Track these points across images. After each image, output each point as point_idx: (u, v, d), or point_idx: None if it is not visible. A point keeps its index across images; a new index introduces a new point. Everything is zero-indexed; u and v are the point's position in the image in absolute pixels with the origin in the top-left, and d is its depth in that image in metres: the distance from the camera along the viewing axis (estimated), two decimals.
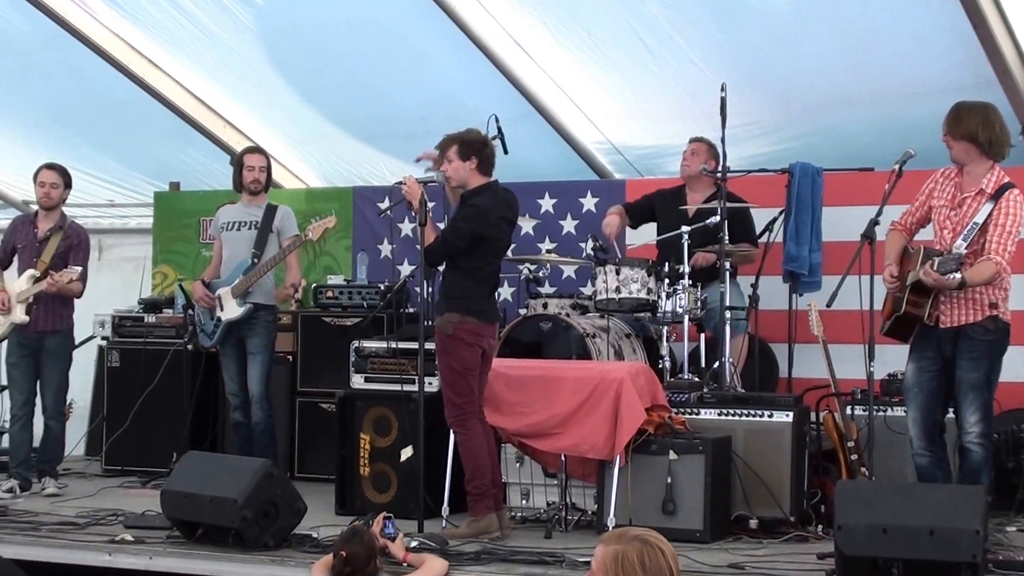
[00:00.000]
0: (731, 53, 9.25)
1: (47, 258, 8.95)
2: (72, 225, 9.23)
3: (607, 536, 4.74)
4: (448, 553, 6.93)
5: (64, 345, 9.16)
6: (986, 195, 6.96)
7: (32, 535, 7.68)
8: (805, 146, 9.59)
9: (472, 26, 9.49)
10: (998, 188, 6.96)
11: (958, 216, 7.04)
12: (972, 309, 6.95)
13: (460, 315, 7.41)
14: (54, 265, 8.91)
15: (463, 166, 7.56)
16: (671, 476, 7.39)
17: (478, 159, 7.55)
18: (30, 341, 9.00)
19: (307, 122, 11.11)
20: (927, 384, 7.12)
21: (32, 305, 8.90)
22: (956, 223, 7.03)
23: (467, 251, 7.48)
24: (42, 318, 8.96)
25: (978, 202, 6.98)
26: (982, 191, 6.98)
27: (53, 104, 11.47)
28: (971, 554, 6.00)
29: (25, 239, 9.15)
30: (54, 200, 9.12)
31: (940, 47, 8.72)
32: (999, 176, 7.02)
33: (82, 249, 9.13)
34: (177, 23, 10.24)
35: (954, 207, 7.08)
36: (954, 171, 7.17)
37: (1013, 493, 8.11)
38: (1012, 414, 8.43)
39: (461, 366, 7.45)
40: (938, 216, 7.17)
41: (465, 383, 7.46)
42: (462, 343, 7.42)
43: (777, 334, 9.15)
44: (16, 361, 9.08)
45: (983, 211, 6.92)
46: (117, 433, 10.07)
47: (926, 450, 7.13)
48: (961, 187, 7.09)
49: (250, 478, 7.22)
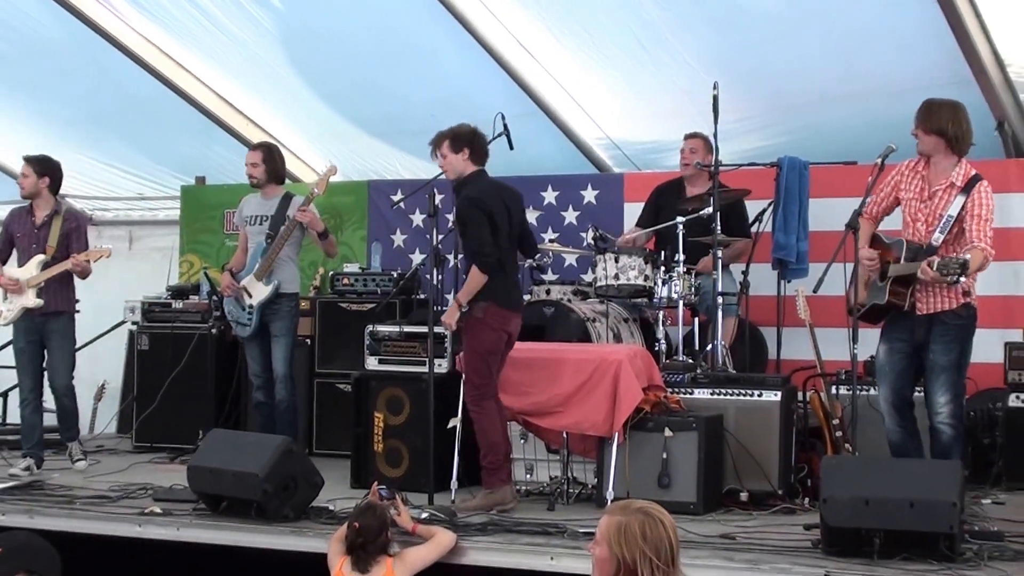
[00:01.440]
0: (723, 54, 9.21)
1: (54, 243, 8.83)
2: (69, 210, 9.14)
3: (611, 508, 4.73)
4: (456, 524, 6.93)
5: (68, 326, 9.02)
6: (957, 188, 6.98)
7: (66, 508, 7.70)
8: (793, 141, 9.56)
9: (479, 29, 9.47)
10: (967, 181, 6.98)
11: (929, 208, 7.06)
12: (947, 297, 6.98)
13: (486, 303, 7.39)
14: (58, 251, 8.81)
15: (457, 158, 7.58)
16: (666, 452, 7.37)
17: (470, 149, 7.56)
18: (35, 325, 8.89)
19: (324, 119, 11.09)
20: (898, 364, 7.17)
21: (42, 290, 8.80)
22: (928, 215, 7.05)
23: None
24: (49, 300, 8.82)
25: (949, 195, 6.99)
26: (952, 184, 7.00)
27: (87, 103, 11.44)
28: (948, 525, 6.01)
29: (23, 228, 9.03)
30: (27, 189, 9.01)
31: (920, 48, 8.69)
32: (967, 169, 7.04)
33: (82, 232, 9.05)
34: (202, 27, 10.21)
35: (924, 200, 7.10)
36: (920, 164, 7.18)
37: (988, 468, 8.13)
38: (987, 393, 8.43)
39: (484, 349, 7.45)
40: (909, 208, 7.19)
41: (486, 366, 7.46)
42: (488, 327, 7.42)
43: (766, 318, 9.13)
44: (24, 347, 8.99)
45: (956, 203, 6.94)
46: (146, 412, 10.06)
47: (898, 426, 7.20)
48: (929, 180, 7.10)
49: (271, 454, 7.22)
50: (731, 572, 6.10)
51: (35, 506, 7.71)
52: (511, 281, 7.73)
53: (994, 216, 7.04)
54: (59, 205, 9.05)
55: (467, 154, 7.57)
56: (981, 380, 8.27)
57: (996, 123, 9.04)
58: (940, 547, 6.01)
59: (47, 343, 8.94)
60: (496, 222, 7.45)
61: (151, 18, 10.29)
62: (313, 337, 9.90)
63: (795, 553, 6.29)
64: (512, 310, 7.57)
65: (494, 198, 7.55)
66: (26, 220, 9.02)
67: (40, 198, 8.99)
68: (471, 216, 7.46)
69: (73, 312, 9.09)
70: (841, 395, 7.87)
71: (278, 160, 9.14)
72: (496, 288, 7.44)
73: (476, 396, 7.48)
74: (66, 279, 8.92)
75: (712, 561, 6.16)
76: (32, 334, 8.93)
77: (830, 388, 7.93)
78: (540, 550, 6.54)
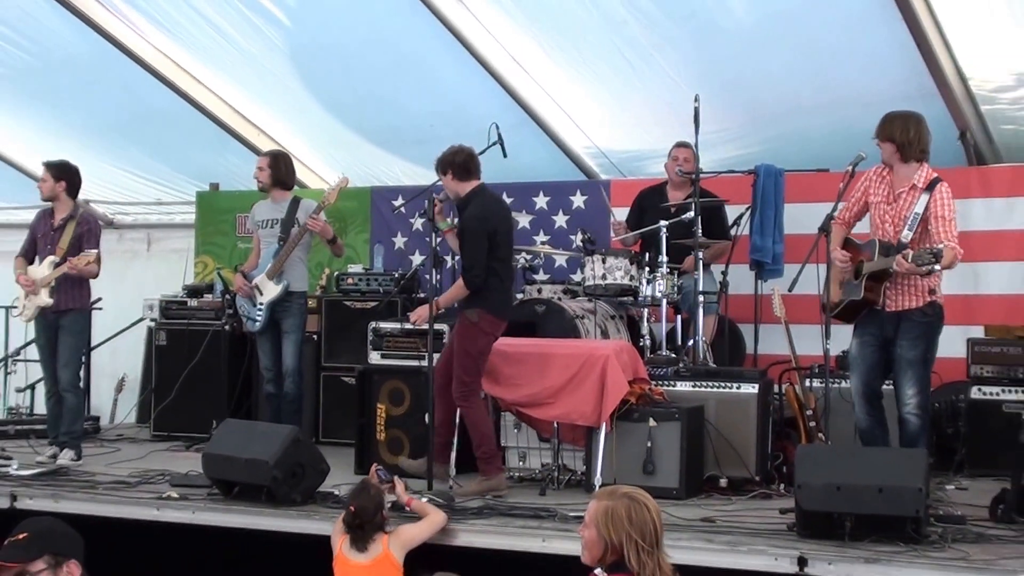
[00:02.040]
0: (704, 69, 9.21)
1: (64, 245, 8.71)
2: (84, 214, 8.97)
3: (599, 493, 4.74)
4: (454, 508, 6.92)
5: (77, 322, 8.85)
6: (919, 189, 7.02)
7: (89, 493, 7.69)
8: (768, 150, 9.56)
9: (475, 45, 9.47)
10: (929, 182, 7.02)
11: (895, 210, 7.09)
12: (915, 295, 7.00)
13: (482, 310, 7.43)
14: (70, 251, 8.70)
15: (446, 180, 7.65)
16: (651, 440, 7.37)
17: (452, 169, 7.59)
18: (49, 321, 8.78)
19: (329, 129, 11.07)
20: (868, 357, 7.19)
21: (54, 288, 8.73)
22: (895, 216, 7.08)
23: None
24: (61, 298, 8.72)
25: (913, 196, 7.03)
26: (915, 186, 7.03)
27: (108, 114, 11.42)
28: (915, 509, 6.02)
29: (43, 230, 8.95)
30: (44, 193, 8.94)
31: (888, 63, 8.69)
32: (928, 172, 7.07)
33: (92, 235, 8.85)
34: (216, 43, 10.20)
35: (890, 202, 7.14)
36: (885, 170, 7.22)
37: (952, 455, 8.14)
38: (951, 386, 8.45)
39: (476, 351, 7.48)
40: (876, 211, 7.21)
41: (475, 366, 7.48)
42: (482, 332, 7.45)
43: (744, 315, 9.13)
44: (43, 343, 8.89)
45: (920, 202, 6.97)
46: (164, 403, 10.04)
47: (867, 414, 7.23)
48: (893, 185, 7.14)
49: (280, 443, 7.21)
50: (711, 554, 6.09)
51: (60, 491, 7.69)
52: (507, 292, 7.79)
53: (956, 218, 7.07)
54: (76, 209, 8.93)
55: (451, 175, 7.59)
56: (945, 374, 8.29)
57: (959, 133, 9.04)
58: (907, 530, 6.02)
59: (58, 339, 8.80)
60: (498, 240, 7.48)
61: (168, 34, 10.28)
62: (320, 333, 9.89)
63: (771, 535, 6.29)
64: (503, 319, 7.64)
65: (498, 216, 7.62)
66: (47, 222, 8.96)
67: (59, 201, 8.91)
68: (472, 234, 7.49)
69: (85, 309, 8.97)
70: (814, 387, 7.86)
71: (283, 167, 9.09)
72: (492, 297, 7.48)
73: (465, 393, 7.48)
74: (78, 279, 8.81)
75: (694, 543, 6.16)
76: (48, 330, 8.83)
77: (804, 381, 7.92)
78: (532, 533, 6.54)
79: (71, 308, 8.75)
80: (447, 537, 6.64)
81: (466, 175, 7.63)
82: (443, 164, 7.66)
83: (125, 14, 10.11)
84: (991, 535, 6.21)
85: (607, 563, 4.45)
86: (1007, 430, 7.83)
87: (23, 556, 3.85)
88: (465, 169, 7.63)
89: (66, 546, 3.93)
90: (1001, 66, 8.63)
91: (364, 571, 6.22)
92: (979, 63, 8.58)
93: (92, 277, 8.85)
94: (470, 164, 7.66)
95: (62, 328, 8.74)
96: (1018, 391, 8.07)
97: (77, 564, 3.89)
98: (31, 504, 7.44)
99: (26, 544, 3.90)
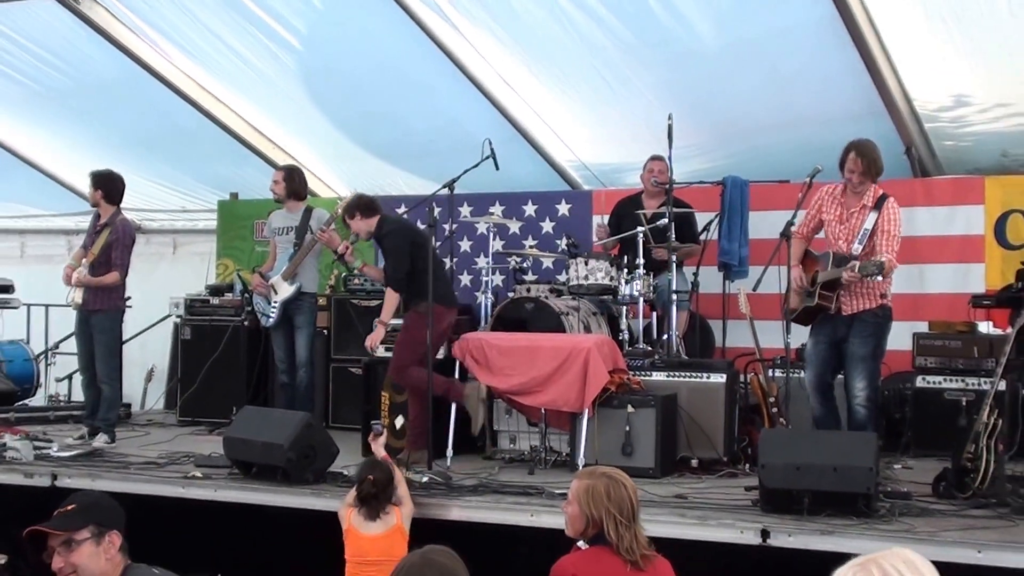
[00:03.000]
0: (676, 90, 9.20)
1: (96, 250, 8.65)
2: (118, 222, 8.77)
3: (581, 472, 4.75)
4: (451, 487, 6.93)
5: (106, 321, 8.73)
6: (868, 208, 7.10)
7: (122, 472, 7.70)
8: (735, 163, 9.55)
9: (470, 68, 9.48)
10: (877, 200, 7.09)
11: (847, 228, 7.19)
12: (868, 299, 7.10)
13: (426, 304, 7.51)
14: (100, 256, 8.62)
15: (354, 223, 8.08)
16: (629, 425, 7.37)
17: (359, 211, 8.02)
18: (84, 318, 8.76)
19: (338, 144, 11.05)
20: (821, 355, 7.28)
21: (84, 289, 8.64)
22: (847, 233, 7.17)
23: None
24: (90, 300, 8.67)
25: (863, 214, 7.12)
26: (865, 206, 7.12)
27: (138, 130, 11.40)
28: (866, 486, 6.07)
29: (90, 231, 8.96)
30: (90, 201, 8.95)
31: (842, 85, 8.70)
32: (875, 190, 7.15)
33: (120, 244, 8.70)
34: (236, 66, 10.19)
35: (842, 221, 7.23)
36: (838, 190, 7.27)
37: (899, 438, 8.16)
38: (898, 376, 8.46)
39: (411, 338, 7.69)
40: (830, 229, 7.32)
41: (411, 350, 7.66)
42: (423, 323, 7.51)
43: (713, 312, 9.12)
44: (79, 334, 8.89)
45: (870, 219, 7.06)
46: (189, 392, 10.03)
47: (820, 404, 7.34)
48: (846, 205, 7.22)
49: (294, 427, 7.22)
50: (684, 527, 6.11)
51: (96, 471, 7.71)
52: (448, 285, 8.21)
53: (901, 229, 7.16)
54: (114, 217, 8.78)
55: (359, 217, 8.00)
56: (893, 364, 8.31)
57: (904, 148, 9.06)
58: (859, 505, 6.05)
59: (91, 335, 8.76)
60: (419, 244, 7.75)
61: (192, 58, 10.28)
62: (329, 328, 9.88)
63: (737, 510, 6.32)
64: (453, 307, 7.99)
65: (412, 230, 8.03)
66: (93, 225, 8.95)
67: (100, 208, 8.87)
68: (397, 249, 7.87)
69: (115, 310, 8.83)
70: (776, 377, 7.88)
71: (296, 180, 9.16)
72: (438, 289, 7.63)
73: (397, 370, 7.77)
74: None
75: (668, 517, 6.18)
76: (83, 325, 8.81)
77: (767, 371, 7.93)
78: (522, 508, 6.55)
79: (100, 309, 8.70)
80: (444, 512, 6.65)
81: (371, 212, 8.03)
82: (351, 210, 8.06)
83: (154, 40, 10.12)
84: (933, 509, 6.25)
85: (588, 536, 4.46)
86: (948, 415, 7.89)
87: (70, 525, 3.86)
88: (369, 208, 8.05)
89: (109, 518, 3.93)
90: (942, 88, 8.65)
91: (379, 541, 6.21)
92: (922, 85, 8.61)
93: (112, 284, 8.69)
94: (371, 203, 8.09)
95: (94, 326, 8.72)
96: (958, 380, 8.08)
97: (118, 535, 3.89)
98: (70, 483, 7.42)
99: (73, 514, 3.91)
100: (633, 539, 4.38)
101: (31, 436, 8.42)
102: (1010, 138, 8.96)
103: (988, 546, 5.61)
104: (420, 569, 3.11)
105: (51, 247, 13.19)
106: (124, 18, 9.93)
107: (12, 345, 11.00)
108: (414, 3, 8.94)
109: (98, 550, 3.85)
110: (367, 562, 6.13)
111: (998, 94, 8.60)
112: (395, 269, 7.87)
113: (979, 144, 9.14)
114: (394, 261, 7.91)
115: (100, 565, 3.85)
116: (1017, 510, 6.13)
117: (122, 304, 9.00)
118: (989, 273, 8.95)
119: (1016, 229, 8.94)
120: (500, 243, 9.37)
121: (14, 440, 8.14)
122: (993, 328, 8.34)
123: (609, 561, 4.35)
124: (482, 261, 9.35)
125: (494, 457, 7.95)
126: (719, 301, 8.98)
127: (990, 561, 5.56)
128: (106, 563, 3.85)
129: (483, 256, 9.60)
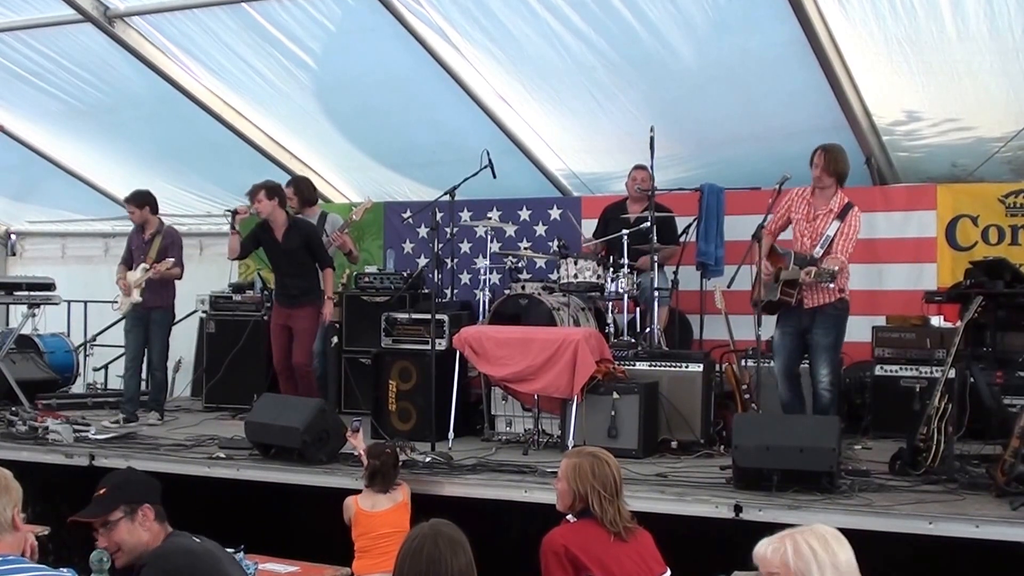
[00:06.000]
0: (657, 105, 9.20)
1: (153, 255, 8.92)
2: (167, 230, 9.17)
3: (569, 452, 4.77)
4: (452, 466, 6.95)
5: (165, 317, 9.10)
6: (834, 214, 7.10)
7: (153, 453, 7.74)
8: (711, 171, 9.56)
9: (470, 85, 9.48)
10: (842, 208, 7.10)
11: (812, 229, 7.18)
12: (828, 294, 7.11)
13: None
14: (157, 259, 8.90)
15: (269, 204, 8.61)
16: (614, 410, 7.40)
17: (279, 197, 8.65)
18: (141, 315, 8.95)
19: (349, 154, 11.05)
20: (788, 345, 7.29)
21: (144, 290, 8.89)
22: (812, 234, 7.17)
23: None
24: (149, 298, 8.90)
25: (828, 219, 7.12)
26: (831, 211, 7.12)
27: (168, 143, 11.40)
28: (829, 465, 6.11)
29: (137, 243, 9.13)
30: (137, 221, 9.16)
31: (807, 101, 8.70)
32: (841, 198, 7.15)
33: (175, 246, 9.08)
34: (256, 83, 10.19)
35: (809, 221, 7.22)
36: (807, 192, 7.26)
37: (859, 421, 8.19)
38: (859, 365, 8.48)
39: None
40: (797, 227, 7.31)
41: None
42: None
43: (692, 308, 9.14)
44: (130, 328, 9.07)
45: (833, 226, 7.08)
46: (213, 380, 10.02)
47: (787, 390, 7.34)
48: (814, 206, 7.21)
49: (309, 412, 7.23)
50: (664, 503, 6.15)
51: (129, 452, 7.74)
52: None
53: (860, 234, 7.18)
54: (161, 225, 9.16)
55: (277, 202, 8.48)
56: (854, 355, 8.34)
57: (865, 158, 9.07)
58: (822, 482, 6.09)
59: (149, 330, 9.01)
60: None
61: (218, 77, 10.27)
62: (341, 322, 9.88)
63: (713, 488, 6.35)
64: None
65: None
66: (139, 237, 9.16)
67: (147, 221, 9.13)
68: (317, 239, 8.41)
69: (169, 307, 9.17)
70: (748, 366, 7.89)
71: (305, 189, 9.44)
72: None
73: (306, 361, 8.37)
74: (165, 282, 8.99)
75: (649, 494, 6.22)
76: (138, 321, 9.00)
77: (740, 361, 7.95)
78: (517, 485, 6.59)
79: (158, 306, 8.98)
80: (446, 488, 6.67)
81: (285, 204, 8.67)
82: (270, 192, 8.53)
83: (183, 61, 10.11)
84: (890, 486, 6.28)
85: (576, 510, 4.48)
86: (904, 401, 7.91)
87: (103, 511, 3.85)
88: (277, 192, 8.60)
89: (140, 493, 3.88)
90: (897, 105, 8.66)
91: (389, 515, 6.21)
92: (880, 102, 8.62)
93: (176, 278, 9.07)
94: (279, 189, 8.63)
95: (152, 322, 8.99)
96: (913, 369, 8.11)
97: (150, 508, 3.84)
98: (106, 462, 7.46)
99: (104, 498, 3.88)
100: (616, 513, 4.40)
101: (71, 420, 8.45)
102: (958, 150, 8.98)
103: (938, 518, 5.67)
104: (432, 538, 3.22)
105: (89, 249, 13.29)
106: (155, 40, 9.92)
107: (54, 338, 11.11)
108: (419, 26, 8.94)
109: (134, 525, 3.83)
110: (381, 535, 6.13)
111: (947, 110, 8.62)
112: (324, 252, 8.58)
113: (930, 155, 9.16)
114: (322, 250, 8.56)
115: (140, 537, 3.83)
116: (964, 485, 6.17)
117: (174, 303, 9.27)
118: (941, 272, 8.97)
119: (965, 232, 8.96)
120: (497, 245, 9.36)
121: (56, 424, 8.19)
122: (944, 322, 8.38)
123: (595, 532, 4.37)
124: (481, 261, 9.36)
125: (491, 439, 7.96)
126: (697, 297, 9.00)
127: (939, 531, 5.62)
128: (145, 534, 3.84)
129: (482, 256, 9.61)
